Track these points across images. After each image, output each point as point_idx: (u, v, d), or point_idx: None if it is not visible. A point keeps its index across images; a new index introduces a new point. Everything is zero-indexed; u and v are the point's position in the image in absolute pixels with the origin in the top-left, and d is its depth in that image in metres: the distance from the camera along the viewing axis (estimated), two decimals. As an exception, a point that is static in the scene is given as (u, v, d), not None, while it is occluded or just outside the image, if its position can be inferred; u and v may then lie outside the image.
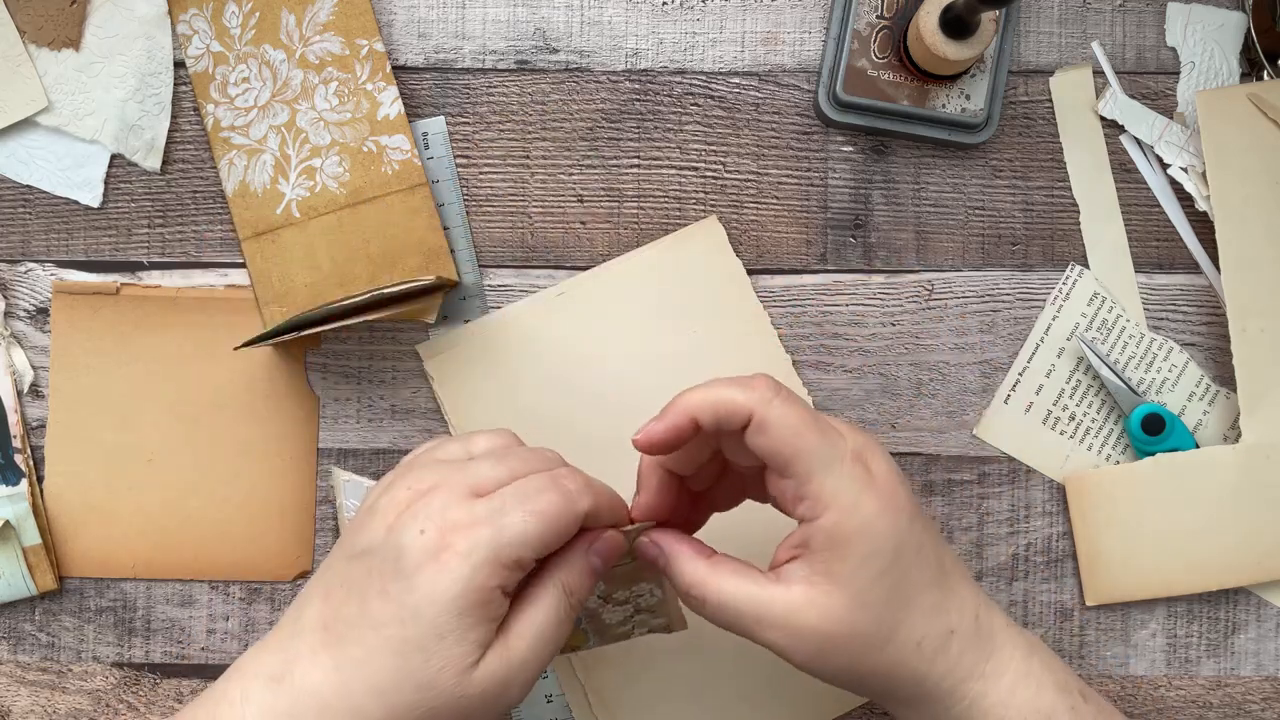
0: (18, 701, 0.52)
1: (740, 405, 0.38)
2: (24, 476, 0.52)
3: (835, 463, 0.38)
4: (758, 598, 0.39)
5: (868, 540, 0.38)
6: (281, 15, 0.52)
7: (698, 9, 0.53)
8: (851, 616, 0.38)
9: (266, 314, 0.52)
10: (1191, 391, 0.53)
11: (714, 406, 0.39)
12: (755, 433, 0.38)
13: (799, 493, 0.38)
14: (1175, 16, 0.53)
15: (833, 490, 0.38)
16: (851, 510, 0.38)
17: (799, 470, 0.38)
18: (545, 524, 0.37)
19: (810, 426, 0.38)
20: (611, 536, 0.40)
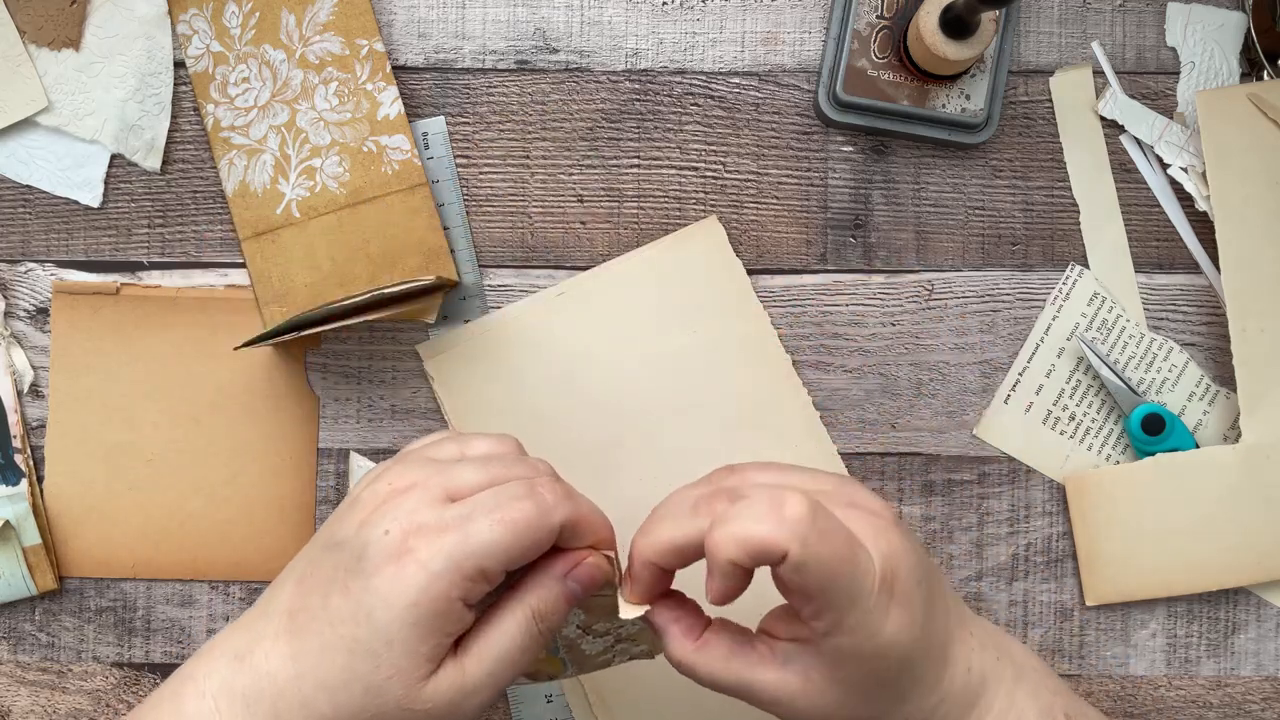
0: (18, 701, 0.52)
1: (775, 546, 0.34)
2: (24, 476, 0.52)
3: (862, 596, 0.35)
4: (749, 681, 0.38)
5: (878, 659, 0.36)
6: (281, 15, 0.52)
7: (698, 9, 0.53)
8: (847, 708, 0.37)
9: (266, 314, 0.52)
10: (1191, 391, 0.53)
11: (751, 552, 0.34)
12: (790, 572, 0.34)
13: (817, 614, 0.36)
14: (1175, 16, 0.53)
15: (855, 623, 0.36)
16: (870, 637, 0.36)
17: (822, 600, 0.35)
18: (513, 534, 0.35)
19: (844, 560, 0.35)
20: (594, 563, 0.38)
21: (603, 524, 0.39)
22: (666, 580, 0.39)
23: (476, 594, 0.36)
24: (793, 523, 0.34)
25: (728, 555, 0.35)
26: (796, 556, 0.34)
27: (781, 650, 0.38)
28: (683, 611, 0.39)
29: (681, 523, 0.37)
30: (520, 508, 0.36)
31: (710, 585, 0.36)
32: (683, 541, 0.37)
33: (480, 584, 0.36)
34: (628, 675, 0.52)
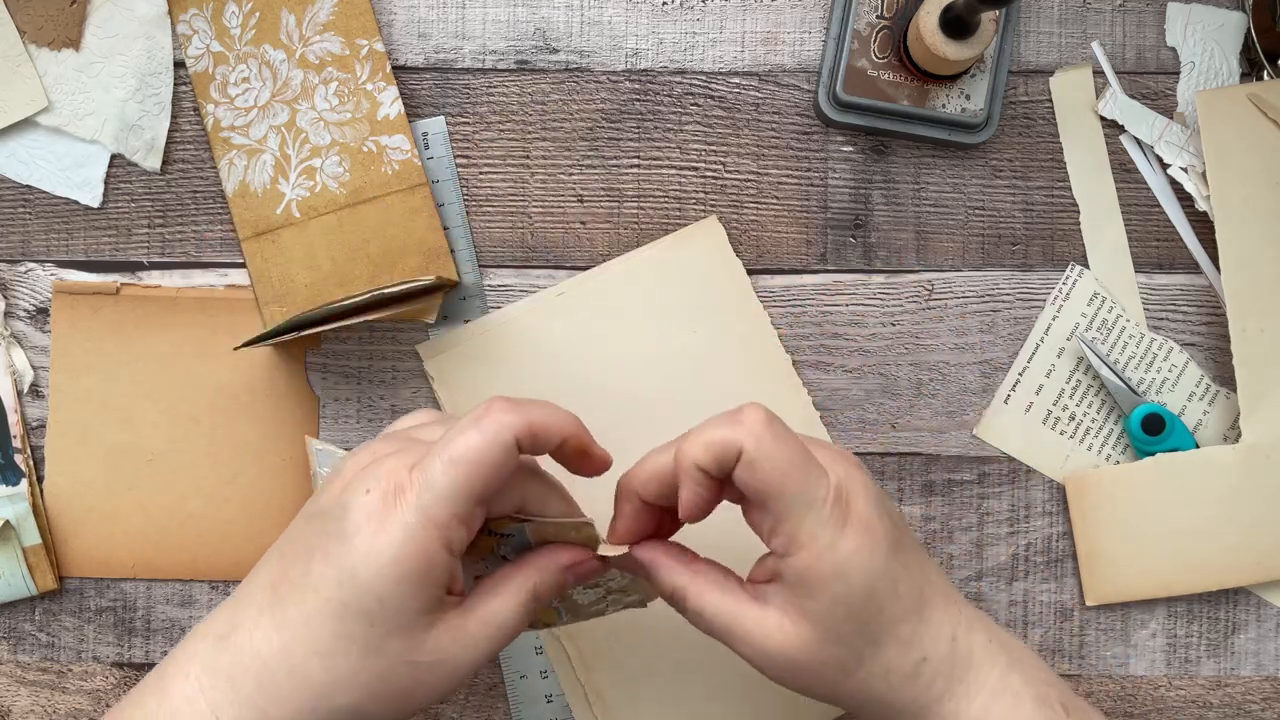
0: (18, 701, 0.52)
1: (732, 442, 0.37)
2: (24, 476, 0.52)
3: (815, 504, 0.37)
4: (734, 614, 0.39)
5: (839, 582, 0.37)
6: (281, 15, 0.52)
7: (698, 9, 0.53)
8: (819, 649, 0.38)
9: (266, 314, 0.52)
10: (1191, 391, 0.53)
11: (712, 451, 0.37)
12: (743, 469, 0.37)
13: (775, 529, 0.38)
14: (1175, 16, 0.53)
15: (808, 533, 0.37)
16: (824, 553, 0.37)
17: (777, 509, 0.37)
18: (467, 470, 0.35)
19: (796, 465, 0.37)
20: (592, 565, 0.40)
21: (565, 421, 0.38)
22: (649, 520, 0.41)
23: (459, 539, 0.36)
24: (749, 423, 0.37)
25: (692, 457, 0.37)
26: (750, 452, 0.37)
27: (761, 590, 0.39)
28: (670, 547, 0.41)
29: (659, 455, 0.39)
30: (465, 441, 0.36)
31: (681, 498, 0.38)
32: (660, 468, 0.39)
33: (458, 529, 0.36)
34: (628, 675, 0.52)
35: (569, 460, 0.40)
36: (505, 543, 0.40)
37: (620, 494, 0.40)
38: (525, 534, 0.40)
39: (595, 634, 0.52)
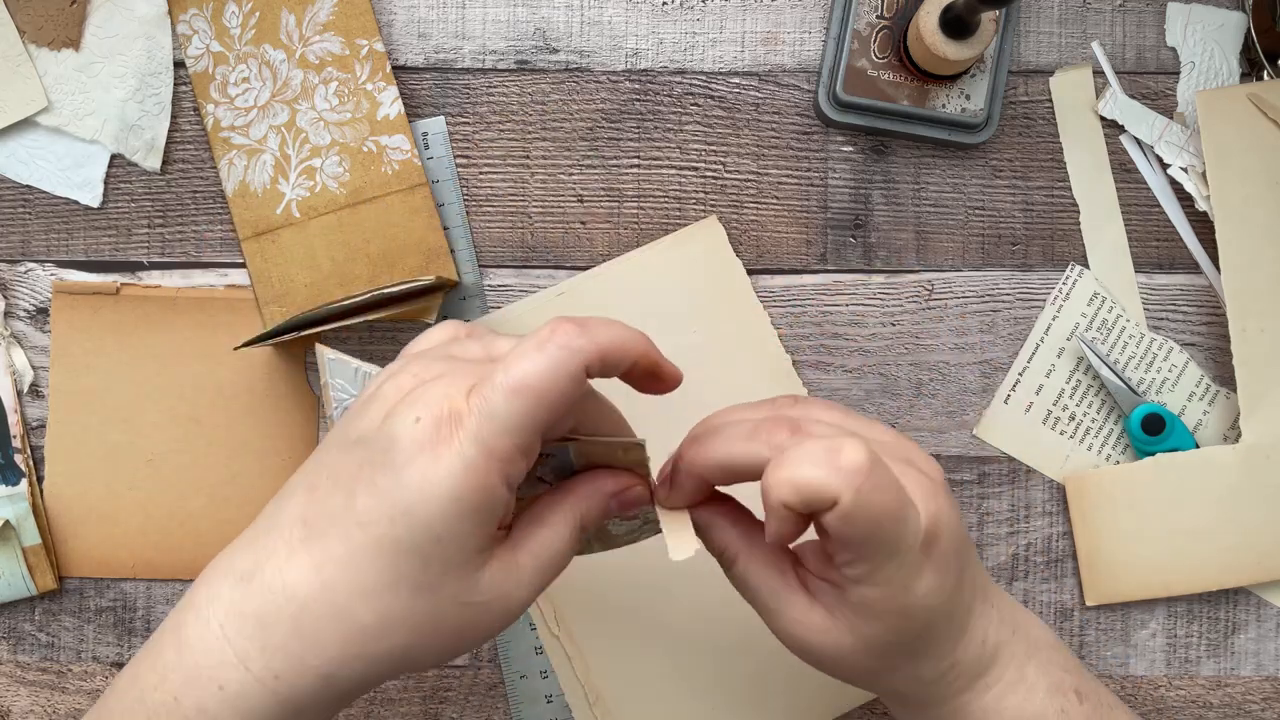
0: (18, 701, 0.52)
1: (828, 491, 0.33)
2: (24, 476, 0.52)
3: (901, 553, 0.35)
4: (779, 597, 0.38)
5: (902, 619, 0.36)
6: (281, 15, 0.52)
7: (698, 9, 0.53)
8: (860, 659, 0.37)
9: (266, 314, 0.52)
10: (1191, 391, 0.53)
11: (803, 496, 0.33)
12: (836, 519, 0.33)
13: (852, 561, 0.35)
14: (1175, 16, 0.53)
15: (886, 577, 0.35)
16: (897, 594, 0.35)
17: (863, 552, 0.35)
18: (533, 400, 0.32)
19: (891, 516, 0.34)
20: (638, 493, 0.37)
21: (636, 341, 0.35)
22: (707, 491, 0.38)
23: (518, 471, 0.33)
24: (848, 472, 0.33)
25: (781, 497, 0.34)
26: (847, 506, 0.33)
27: (813, 582, 0.37)
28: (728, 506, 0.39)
29: (737, 444, 0.36)
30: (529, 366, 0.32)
31: (767, 525, 0.35)
32: (736, 463, 0.36)
33: (519, 460, 0.33)
34: (628, 675, 0.52)
35: (638, 381, 0.36)
36: (545, 463, 0.37)
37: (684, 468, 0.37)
38: (568, 454, 0.37)
39: (595, 634, 0.52)
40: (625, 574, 0.52)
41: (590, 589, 0.52)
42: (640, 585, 0.52)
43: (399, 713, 0.53)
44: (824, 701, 0.52)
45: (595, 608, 0.52)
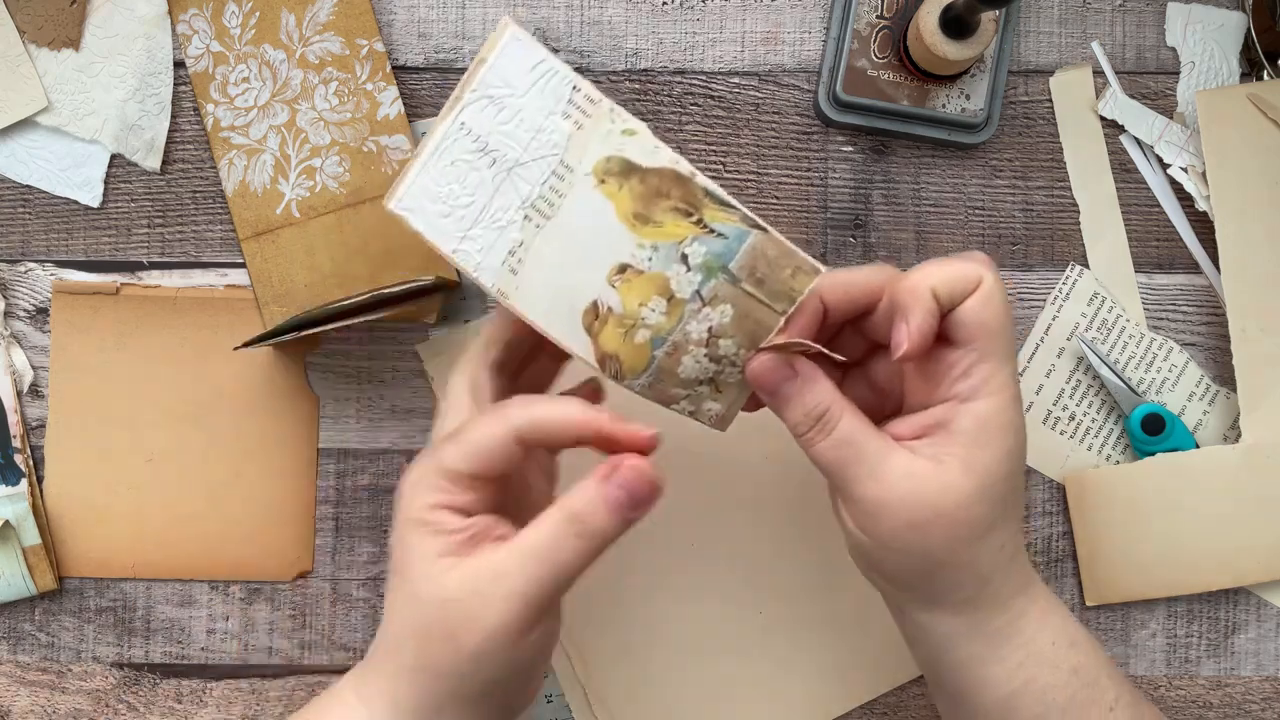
0: (18, 701, 0.52)
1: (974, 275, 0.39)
2: (24, 476, 0.52)
3: (1011, 364, 0.39)
4: (881, 448, 0.39)
5: (1012, 437, 0.39)
6: (281, 15, 0.52)
7: (698, 9, 0.53)
8: (971, 502, 0.38)
9: (266, 314, 0.52)
10: (1191, 391, 0.53)
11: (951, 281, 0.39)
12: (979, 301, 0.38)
13: (968, 370, 0.39)
14: (1175, 16, 0.53)
15: (1002, 381, 0.39)
16: (1009, 405, 0.39)
17: (984, 347, 0.39)
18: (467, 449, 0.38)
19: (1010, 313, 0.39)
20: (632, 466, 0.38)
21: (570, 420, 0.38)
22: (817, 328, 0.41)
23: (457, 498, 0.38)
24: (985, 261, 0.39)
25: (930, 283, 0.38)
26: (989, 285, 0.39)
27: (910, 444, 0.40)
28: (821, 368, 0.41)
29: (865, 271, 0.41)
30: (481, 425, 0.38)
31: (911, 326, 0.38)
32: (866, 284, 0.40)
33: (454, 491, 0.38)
34: (628, 675, 0.52)
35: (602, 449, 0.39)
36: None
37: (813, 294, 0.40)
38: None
39: (595, 634, 0.52)
40: (625, 574, 0.52)
41: (590, 589, 0.52)
42: (640, 585, 0.52)
43: (399, 713, 0.53)
44: (824, 702, 0.52)
45: (595, 608, 0.52)
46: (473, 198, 0.40)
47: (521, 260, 0.40)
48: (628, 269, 0.40)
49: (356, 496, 0.53)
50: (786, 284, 0.39)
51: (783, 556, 0.52)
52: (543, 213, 0.39)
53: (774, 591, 0.52)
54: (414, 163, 0.39)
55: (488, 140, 0.39)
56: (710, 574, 0.52)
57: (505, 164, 0.39)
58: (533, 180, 0.39)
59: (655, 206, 0.39)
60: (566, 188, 0.39)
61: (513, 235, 0.40)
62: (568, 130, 0.39)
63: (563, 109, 0.39)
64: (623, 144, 0.39)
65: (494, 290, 0.40)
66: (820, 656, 0.52)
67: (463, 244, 0.40)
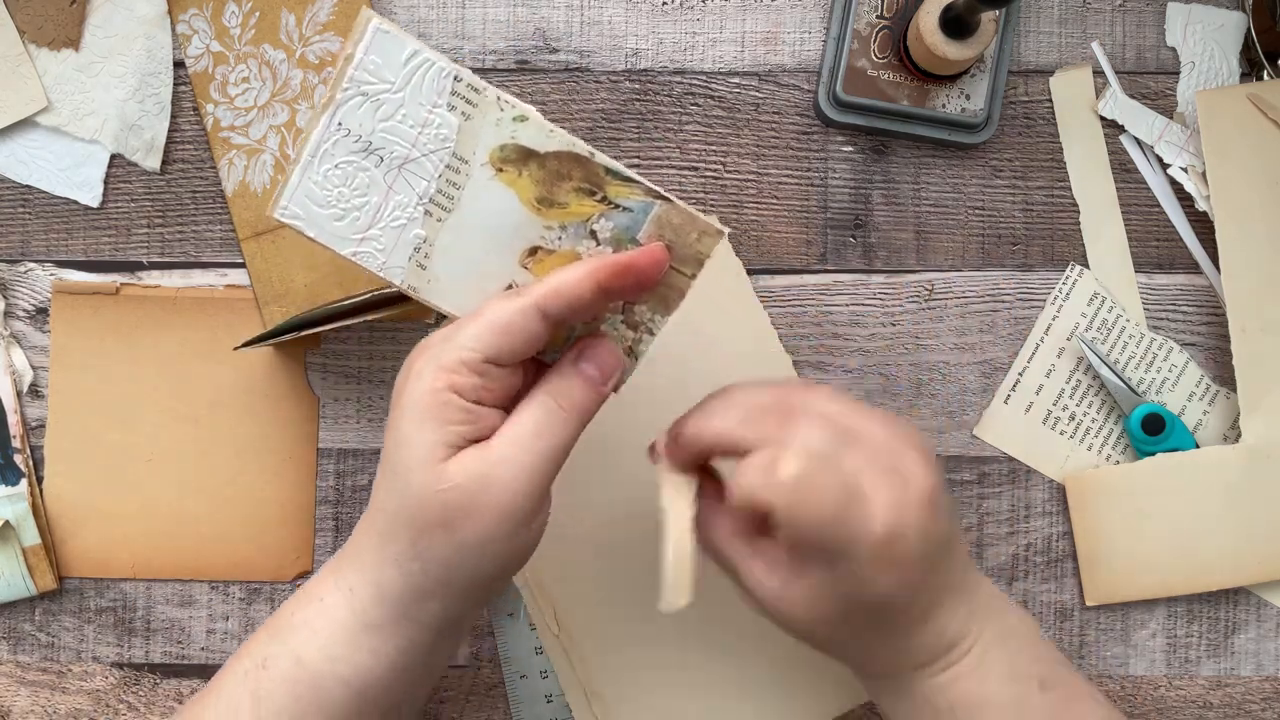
0: (18, 701, 0.52)
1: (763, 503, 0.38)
2: (24, 476, 0.52)
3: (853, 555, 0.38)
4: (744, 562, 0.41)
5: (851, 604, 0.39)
6: (281, 15, 0.52)
7: (698, 9, 0.53)
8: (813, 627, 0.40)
9: (266, 314, 0.52)
10: (1191, 391, 0.53)
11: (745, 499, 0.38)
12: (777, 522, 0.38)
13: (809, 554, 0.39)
14: (1175, 16, 0.53)
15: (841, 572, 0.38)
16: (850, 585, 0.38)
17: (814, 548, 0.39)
18: (484, 327, 0.38)
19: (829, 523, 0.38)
20: (601, 343, 0.41)
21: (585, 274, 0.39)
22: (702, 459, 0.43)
23: (469, 386, 0.38)
24: (777, 486, 0.38)
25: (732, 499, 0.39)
26: (780, 515, 0.38)
27: (774, 554, 0.40)
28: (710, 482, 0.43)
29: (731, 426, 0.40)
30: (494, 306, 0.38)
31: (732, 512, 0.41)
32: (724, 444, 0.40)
33: (468, 375, 0.38)
34: (628, 675, 0.52)
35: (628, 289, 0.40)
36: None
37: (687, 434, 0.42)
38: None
39: (595, 634, 0.52)
40: (625, 574, 0.52)
41: (590, 589, 0.52)
42: (640, 585, 0.52)
43: (399, 713, 0.53)
44: (823, 701, 0.52)
45: (595, 608, 0.52)
46: (365, 198, 0.39)
47: (428, 255, 0.40)
48: (538, 250, 0.40)
49: (356, 496, 0.53)
50: (694, 248, 0.40)
51: (783, 556, 0.52)
52: (443, 206, 0.39)
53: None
54: (294, 169, 0.39)
55: (370, 139, 0.39)
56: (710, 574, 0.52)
57: (394, 161, 0.39)
58: (427, 175, 0.39)
59: (558, 189, 0.39)
60: (463, 180, 0.39)
61: (415, 231, 0.40)
62: (455, 122, 0.39)
63: (446, 101, 0.39)
64: (515, 130, 0.39)
65: (404, 287, 0.40)
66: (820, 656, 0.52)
67: (362, 245, 0.40)
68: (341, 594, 0.40)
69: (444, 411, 0.38)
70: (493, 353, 0.38)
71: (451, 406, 0.38)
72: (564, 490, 0.52)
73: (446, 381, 0.38)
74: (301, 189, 0.39)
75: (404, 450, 0.38)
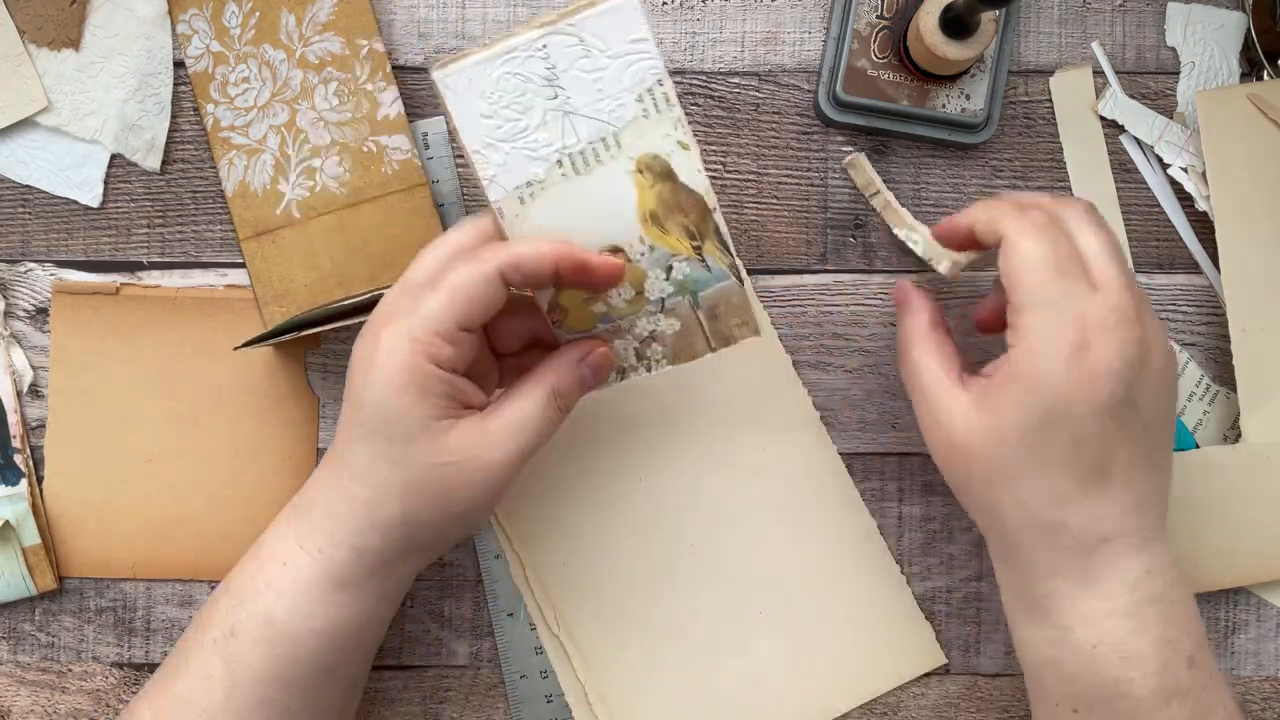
0: (18, 701, 0.52)
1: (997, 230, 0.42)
2: (24, 476, 0.52)
3: (1051, 311, 0.40)
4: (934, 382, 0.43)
5: (1028, 387, 0.40)
6: (281, 15, 0.52)
7: (698, 9, 0.53)
8: (979, 440, 0.41)
9: (266, 314, 0.52)
10: (1191, 391, 0.53)
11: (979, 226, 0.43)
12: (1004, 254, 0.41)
13: (1012, 322, 0.41)
14: (1175, 16, 0.53)
15: (1029, 329, 0.40)
16: (1033, 355, 0.40)
17: (1015, 299, 0.40)
18: (449, 296, 0.39)
19: (1049, 267, 0.40)
20: (603, 353, 0.44)
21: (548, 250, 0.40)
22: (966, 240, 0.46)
23: (446, 355, 0.40)
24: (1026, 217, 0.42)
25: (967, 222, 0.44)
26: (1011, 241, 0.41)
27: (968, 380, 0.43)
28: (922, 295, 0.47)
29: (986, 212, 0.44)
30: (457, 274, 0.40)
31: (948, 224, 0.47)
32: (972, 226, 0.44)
33: (442, 346, 0.39)
34: (628, 675, 0.52)
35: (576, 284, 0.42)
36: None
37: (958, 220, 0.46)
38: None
39: (595, 634, 0.52)
40: (625, 574, 0.52)
41: (590, 589, 0.52)
42: (641, 585, 0.52)
43: (399, 713, 0.53)
44: (823, 701, 0.52)
45: (595, 608, 0.52)
46: (520, 117, 0.41)
47: (533, 196, 0.41)
48: (620, 252, 0.42)
49: (356, 496, 0.53)
50: (731, 329, 0.45)
51: (782, 556, 0.52)
52: (575, 167, 0.41)
53: (774, 591, 0.52)
54: (477, 52, 0.40)
55: (559, 76, 0.40)
56: (710, 574, 0.52)
57: (565, 105, 0.40)
58: (583, 135, 0.41)
59: (670, 217, 0.42)
60: (607, 159, 0.41)
61: (537, 170, 0.41)
62: (634, 113, 0.41)
63: (639, 93, 0.41)
64: (673, 151, 0.42)
65: (496, 206, 0.41)
66: (820, 656, 0.52)
67: (487, 150, 0.41)
68: (308, 555, 0.41)
69: (426, 383, 0.39)
70: (464, 320, 0.40)
71: (433, 378, 0.40)
72: (565, 490, 0.52)
73: (425, 353, 0.39)
74: (473, 72, 0.40)
75: (395, 424, 0.40)
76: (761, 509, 0.52)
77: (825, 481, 0.52)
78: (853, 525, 0.52)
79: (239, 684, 0.41)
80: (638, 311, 0.44)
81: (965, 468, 0.42)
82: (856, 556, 0.52)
